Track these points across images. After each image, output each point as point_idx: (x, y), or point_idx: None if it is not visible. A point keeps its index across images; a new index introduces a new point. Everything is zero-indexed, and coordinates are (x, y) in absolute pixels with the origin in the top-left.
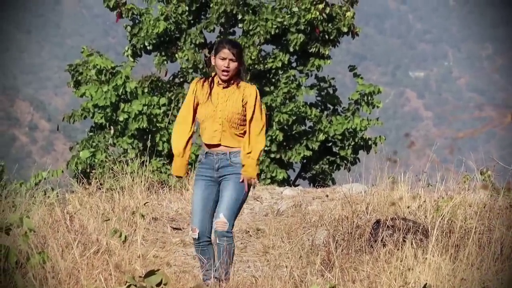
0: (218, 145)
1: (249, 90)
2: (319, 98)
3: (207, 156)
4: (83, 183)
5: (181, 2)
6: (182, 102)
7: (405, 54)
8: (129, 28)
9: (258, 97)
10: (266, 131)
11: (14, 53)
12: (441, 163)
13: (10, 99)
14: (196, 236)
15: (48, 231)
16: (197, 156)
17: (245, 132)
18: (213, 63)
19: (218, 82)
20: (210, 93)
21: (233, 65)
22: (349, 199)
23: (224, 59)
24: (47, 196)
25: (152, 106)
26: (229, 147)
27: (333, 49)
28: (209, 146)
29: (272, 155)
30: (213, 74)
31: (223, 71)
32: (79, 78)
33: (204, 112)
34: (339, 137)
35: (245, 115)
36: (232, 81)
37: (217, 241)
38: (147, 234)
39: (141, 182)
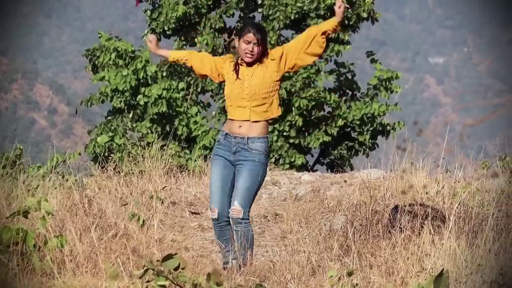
0: (244, 123)
1: (272, 52)
2: (337, 84)
3: (226, 137)
4: (102, 166)
5: None
6: (201, 87)
7: (425, 40)
8: (148, 12)
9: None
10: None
11: (35, 37)
12: (460, 149)
13: (29, 83)
14: (216, 216)
15: (66, 215)
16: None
17: (273, 106)
18: (236, 46)
19: (241, 63)
20: (237, 73)
21: (257, 49)
22: (367, 184)
23: (248, 42)
24: (65, 179)
25: (172, 90)
26: (255, 121)
27: (352, 34)
28: (231, 126)
29: (291, 140)
30: (235, 58)
31: (246, 53)
32: (96, 62)
33: (231, 90)
34: (358, 123)
35: (272, 85)
36: (254, 62)
37: (234, 228)
38: (165, 218)
39: (160, 166)
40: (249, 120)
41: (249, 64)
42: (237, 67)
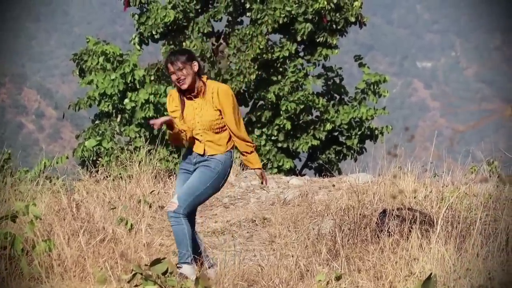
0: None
1: (218, 96)
2: (325, 88)
3: (189, 151)
4: (90, 171)
5: None
6: None
7: (413, 44)
8: (136, 17)
9: (229, 99)
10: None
11: (23, 41)
12: (447, 154)
13: (17, 87)
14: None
15: (54, 219)
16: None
17: (222, 140)
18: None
19: (186, 95)
20: (183, 109)
21: (184, 73)
22: (355, 188)
23: (173, 73)
24: (53, 183)
25: (159, 95)
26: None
27: (340, 38)
28: (193, 148)
29: (279, 144)
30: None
31: (178, 83)
32: (84, 66)
33: (180, 125)
34: (346, 127)
35: (222, 119)
36: (196, 88)
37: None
38: (153, 222)
39: (148, 170)
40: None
41: (193, 97)
42: (183, 101)
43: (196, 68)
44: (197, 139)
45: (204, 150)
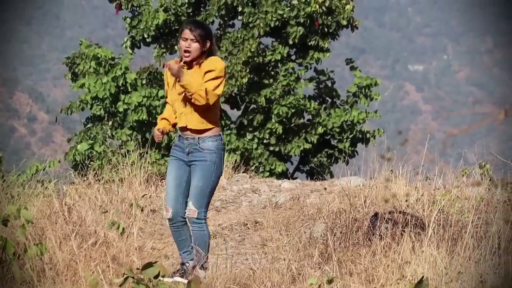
0: (187, 128)
1: (209, 63)
2: (317, 91)
3: (180, 138)
4: (82, 174)
5: None
6: None
7: (404, 47)
8: (128, 20)
9: (216, 64)
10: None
11: (15, 44)
12: (439, 157)
13: (9, 90)
14: (170, 216)
15: (46, 223)
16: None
17: (213, 114)
18: (179, 46)
19: (183, 65)
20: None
21: (195, 45)
22: (347, 192)
23: (185, 39)
24: (45, 187)
25: (152, 98)
26: (197, 130)
27: (332, 42)
28: (181, 129)
29: (271, 148)
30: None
31: (184, 51)
32: (76, 70)
33: (171, 96)
34: (337, 130)
35: None
36: (195, 62)
37: (190, 228)
38: (145, 226)
39: (140, 174)
40: (187, 127)
41: (188, 66)
42: None
43: (206, 48)
44: (180, 112)
45: (186, 122)
